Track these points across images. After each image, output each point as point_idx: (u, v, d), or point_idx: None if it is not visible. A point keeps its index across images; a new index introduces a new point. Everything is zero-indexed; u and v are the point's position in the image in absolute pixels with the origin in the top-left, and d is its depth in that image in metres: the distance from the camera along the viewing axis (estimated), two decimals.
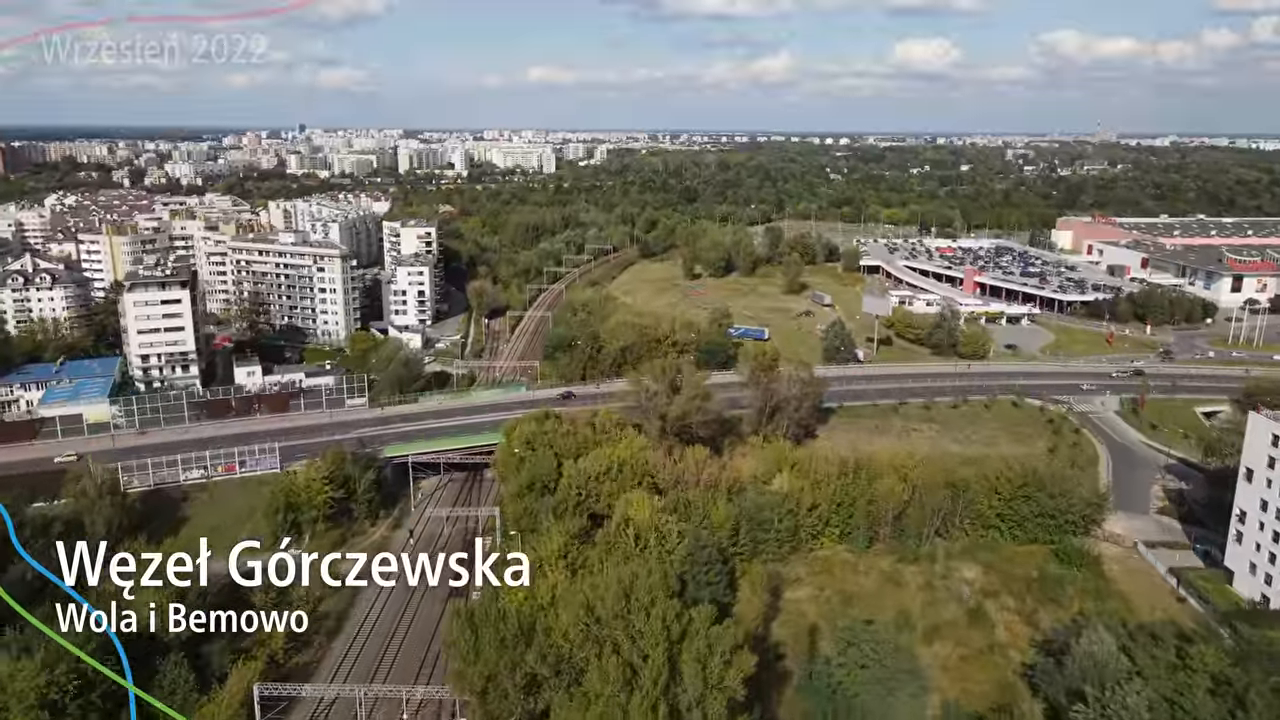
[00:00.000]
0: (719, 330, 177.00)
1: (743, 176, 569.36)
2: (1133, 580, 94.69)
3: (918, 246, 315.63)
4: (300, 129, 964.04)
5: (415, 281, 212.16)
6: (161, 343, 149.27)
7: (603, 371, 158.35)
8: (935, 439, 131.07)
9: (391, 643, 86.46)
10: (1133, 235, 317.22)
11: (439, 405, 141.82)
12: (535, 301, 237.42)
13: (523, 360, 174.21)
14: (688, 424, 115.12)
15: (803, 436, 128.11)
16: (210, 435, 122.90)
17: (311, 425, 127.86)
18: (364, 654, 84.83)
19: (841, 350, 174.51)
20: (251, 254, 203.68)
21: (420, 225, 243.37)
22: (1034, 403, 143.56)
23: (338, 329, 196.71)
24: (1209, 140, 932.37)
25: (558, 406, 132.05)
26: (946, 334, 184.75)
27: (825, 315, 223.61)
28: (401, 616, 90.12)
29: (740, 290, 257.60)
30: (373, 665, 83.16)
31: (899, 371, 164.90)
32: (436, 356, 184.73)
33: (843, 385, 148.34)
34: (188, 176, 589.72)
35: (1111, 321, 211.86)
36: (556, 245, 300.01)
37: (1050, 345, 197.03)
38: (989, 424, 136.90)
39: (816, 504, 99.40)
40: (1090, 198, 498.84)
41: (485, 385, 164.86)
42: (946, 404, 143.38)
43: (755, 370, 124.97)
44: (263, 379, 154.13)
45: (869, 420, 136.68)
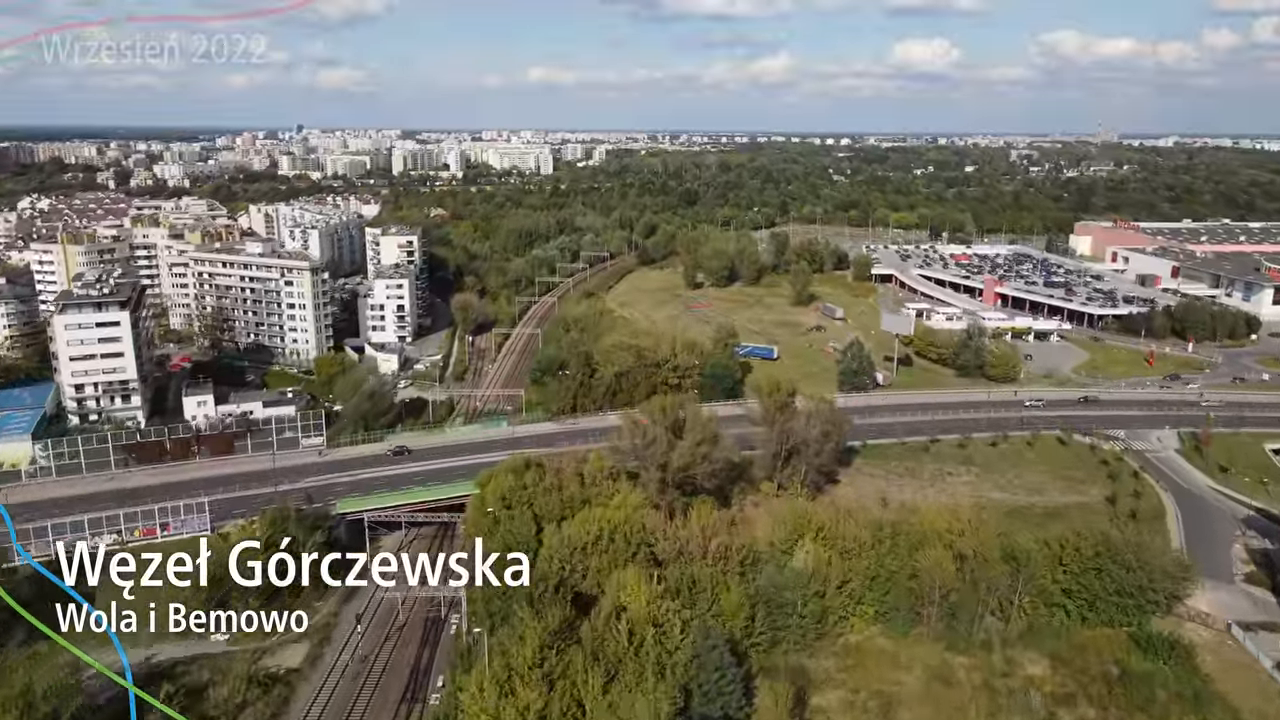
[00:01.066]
0: (725, 351, 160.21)
1: (744, 178, 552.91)
2: (1232, 676, 78.07)
3: (931, 253, 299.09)
4: (298, 129, 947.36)
5: (394, 295, 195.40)
6: (98, 370, 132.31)
7: (596, 401, 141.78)
8: (974, 485, 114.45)
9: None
10: (1158, 241, 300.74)
11: (408, 444, 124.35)
12: (525, 315, 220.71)
13: (507, 388, 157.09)
14: (692, 474, 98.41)
15: (823, 483, 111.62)
16: (137, 485, 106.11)
17: (257, 472, 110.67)
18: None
19: (859, 374, 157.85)
20: (215, 265, 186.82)
21: (402, 233, 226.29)
22: (1083, 439, 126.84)
23: (308, 348, 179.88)
24: (1212, 141, 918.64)
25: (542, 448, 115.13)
26: (974, 354, 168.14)
27: (837, 330, 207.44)
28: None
29: (745, 301, 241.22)
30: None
31: (926, 400, 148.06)
32: (414, 380, 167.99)
33: (865, 419, 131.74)
34: (175, 178, 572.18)
35: (1149, 337, 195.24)
36: (550, 252, 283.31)
37: (1084, 365, 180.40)
38: (1034, 466, 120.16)
39: (847, 579, 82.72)
40: (1103, 200, 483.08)
41: (464, 414, 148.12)
42: (984, 441, 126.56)
43: (770, 409, 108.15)
44: (215, 410, 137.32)
45: (897, 462, 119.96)
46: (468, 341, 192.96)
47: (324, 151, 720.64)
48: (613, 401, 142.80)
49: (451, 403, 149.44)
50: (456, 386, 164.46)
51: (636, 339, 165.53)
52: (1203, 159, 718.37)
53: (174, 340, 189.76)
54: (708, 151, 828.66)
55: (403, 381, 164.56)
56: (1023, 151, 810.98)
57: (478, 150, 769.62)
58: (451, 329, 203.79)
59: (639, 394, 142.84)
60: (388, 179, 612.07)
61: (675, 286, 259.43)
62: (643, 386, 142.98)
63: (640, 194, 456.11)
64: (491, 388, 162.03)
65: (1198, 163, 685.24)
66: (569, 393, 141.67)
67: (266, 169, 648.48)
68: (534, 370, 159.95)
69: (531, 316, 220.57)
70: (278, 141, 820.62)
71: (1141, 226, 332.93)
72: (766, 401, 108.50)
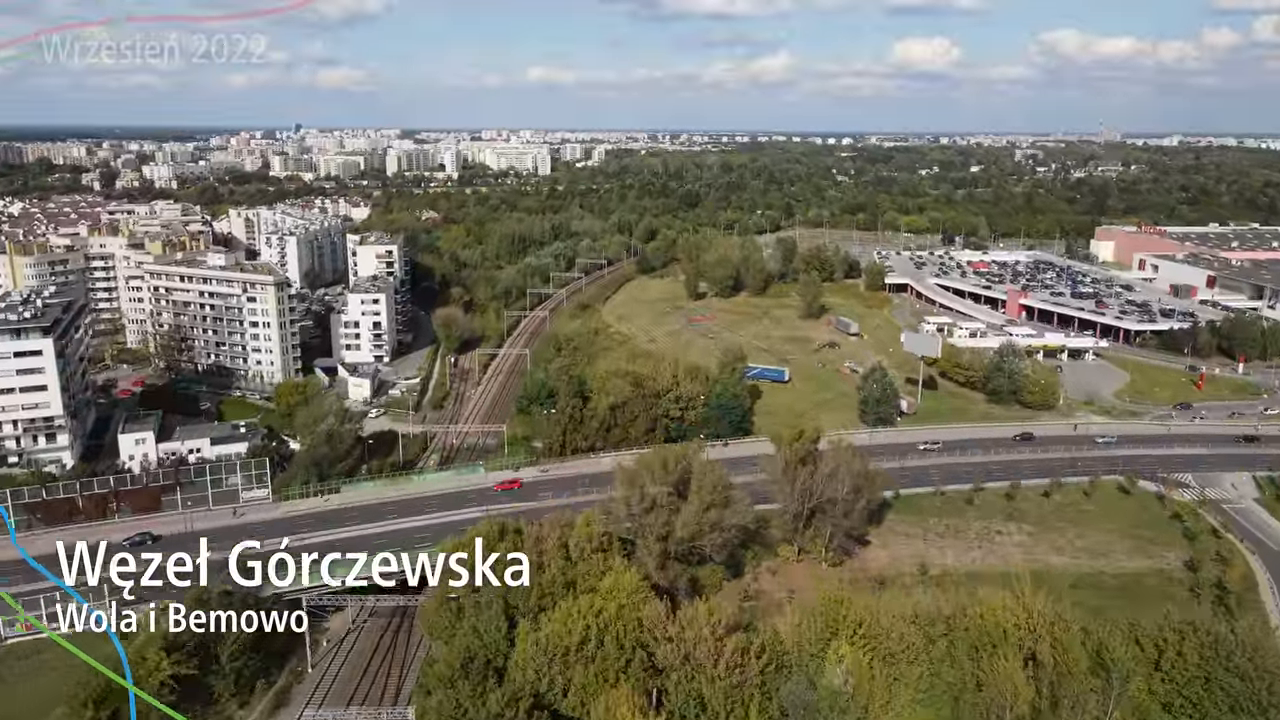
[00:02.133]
0: (732, 376, 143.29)
1: (746, 179, 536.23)
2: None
3: (947, 260, 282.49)
4: (296, 129, 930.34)
5: (370, 311, 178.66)
6: (17, 406, 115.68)
7: (588, 438, 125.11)
8: (1028, 547, 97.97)
9: None
10: (1186, 247, 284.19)
11: (367, 497, 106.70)
12: (515, 330, 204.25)
13: (488, 423, 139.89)
14: (699, 546, 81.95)
15: (852, 546, 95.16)
16: (37, 554, 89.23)
17: (184, 535, 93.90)
18: None
19: (883, 403, 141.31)
20: (172, 279, 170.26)
21: (382, 242, 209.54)
22: (1148, 487, 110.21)
23: (273, 370, 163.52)
24: (1216, 140, 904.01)
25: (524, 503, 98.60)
26: (1007, 378, 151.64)
27: (851, 346, 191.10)
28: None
29: (751, 314, 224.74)
30: None
31: (961, 435, 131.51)
32: (388, 407, 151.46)
33: (895, 460, 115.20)
34: (163, 179, 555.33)
35: (1193, 356, 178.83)
36: (544, 260, 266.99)
37: (1126, 389, 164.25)
38: (1097, 522, 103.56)
39: (892, 696, 66.16)
40: (1119, 202, 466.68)
41: (441, 451, 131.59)
42: (1035, 489, 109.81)
43: (790, 461, 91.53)
44: (156, 449, 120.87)
45: (937, 518, 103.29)
46: (450, 362, 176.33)
47: (318, 152, 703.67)
48: (606, 437, 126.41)
49: (426, 439, 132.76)
50: (434, 416, 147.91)
51: (634, 363, 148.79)
52: (1210, 159, 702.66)
53: (128, 361, 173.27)
54: (708, 151, 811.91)
55: (374, 411, 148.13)
56: (1027, 151, 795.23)
57: (474, 150, 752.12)
58: (433, 347, 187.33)
59: (637, 429, 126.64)
60: (381, 180, 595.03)
61: (676, 297, 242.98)
62: (641, 420, 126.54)
63: (640, 196, 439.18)
64: (472, 420, 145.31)
65: (1206, 163, 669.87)
66: (558, 428, 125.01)
67: (259, 170, 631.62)
68: (520, 399, 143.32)
69: (522, 332, 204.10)
70: (273, 141, 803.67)
71: (1169, 231, 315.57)
72: (786, 452, 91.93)
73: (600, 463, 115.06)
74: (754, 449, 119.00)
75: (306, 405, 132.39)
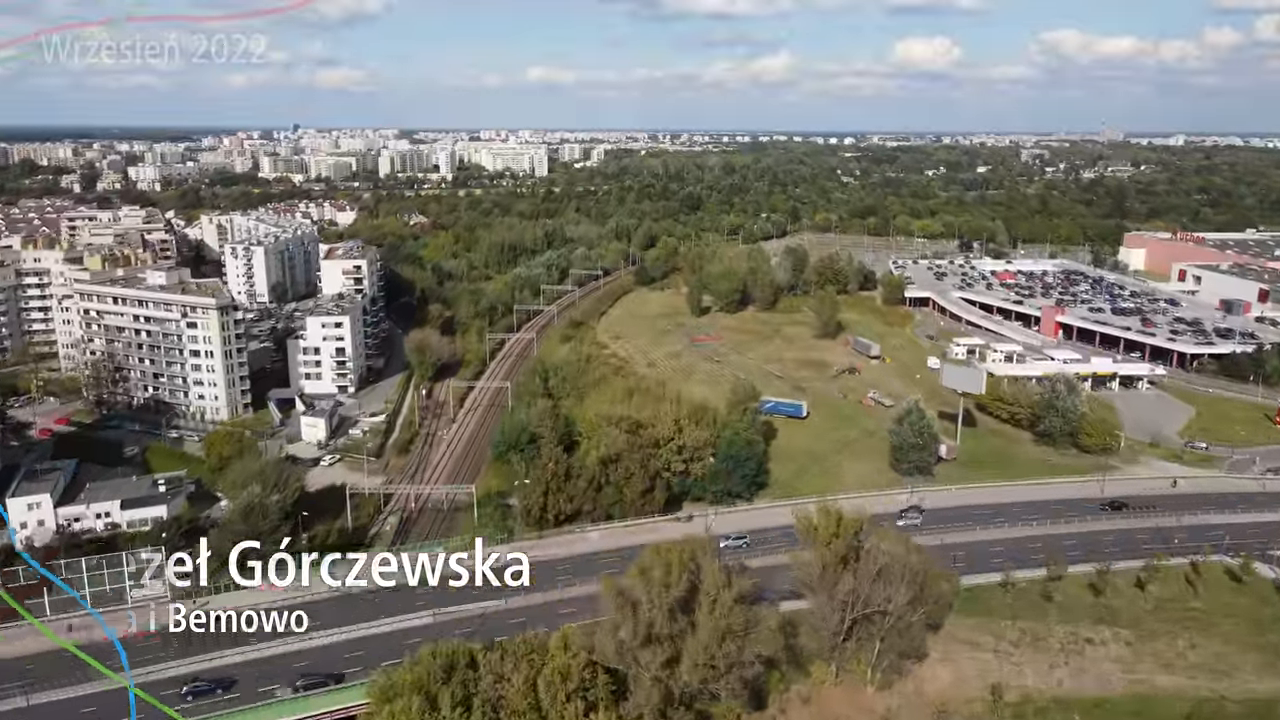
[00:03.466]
0: (744, 419, 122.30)
1: (749, 180, 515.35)
2: None
3: (969, 271, 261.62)
4: (294, 129, 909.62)
5: (333, 336, 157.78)
6: None
7: (574, 500, 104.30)
8: (1129, 662, 77.09)
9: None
10: (1228, 256, 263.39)
11: (295, 596, 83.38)
12: (499, 353, 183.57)
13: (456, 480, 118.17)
14: (711, 688, 61.30)
15: (904, 663, 74.51)
16: None
17: (47, 653, 72.78)
18: None
19: (921, 450, 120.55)
20: (105, 301, 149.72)
21: (350, 256, 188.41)
22: (1264, 571, 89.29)
23: (217, 405, 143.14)
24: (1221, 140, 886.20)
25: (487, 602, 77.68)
26: (1062, 418, 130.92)
27: (874, 372, 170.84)
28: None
29: (760, 332, 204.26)
30: None
31: (1020, 496, 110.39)
32: (345, 452, 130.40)
33: (945, 534, 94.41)
34: (147, 181, 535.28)
35: (1263, 385, 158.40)
36: (535, 270, 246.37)
37: (1191, 425, 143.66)
38: (1208, 622, 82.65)
39: None
40: (1138, 204, 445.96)
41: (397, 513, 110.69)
42: (1124, 575, 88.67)
43: (828, 562, 70.65)
44: (54, 515, 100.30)
45: (1008, 621, 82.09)
46: (422, 394, 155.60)
47: (310, 152, 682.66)
48: (596, 499, 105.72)
49: (380, 499, 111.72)
50: (398, 464, 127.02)
51: (630, 401, 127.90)
52: (1221, 159, 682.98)
53: (55, 393, 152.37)
54: (709, 151, 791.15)
55: (327, 458, 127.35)
56: (1033, 151, 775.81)
57: (470, 151, 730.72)
58: (407, 374, 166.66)
59: (632, 489, 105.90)
60: (373, 182, 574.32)
61: (678, 311, 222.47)
62: (638, 478, 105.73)
63: (639, 199, 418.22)
64: (442, 467, 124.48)
65: (1218, 162, 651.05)
66: (538, 489, 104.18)
67: (248, 171, 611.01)
68: (496, 444, 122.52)
69: (506, 355, 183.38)
70: (268, 142, 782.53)
71: (1208, 239, 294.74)
72: (822, 551, 70.97)
73: (588, 537, 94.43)
74: (775, 517, 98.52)
75: (241, 458, 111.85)
